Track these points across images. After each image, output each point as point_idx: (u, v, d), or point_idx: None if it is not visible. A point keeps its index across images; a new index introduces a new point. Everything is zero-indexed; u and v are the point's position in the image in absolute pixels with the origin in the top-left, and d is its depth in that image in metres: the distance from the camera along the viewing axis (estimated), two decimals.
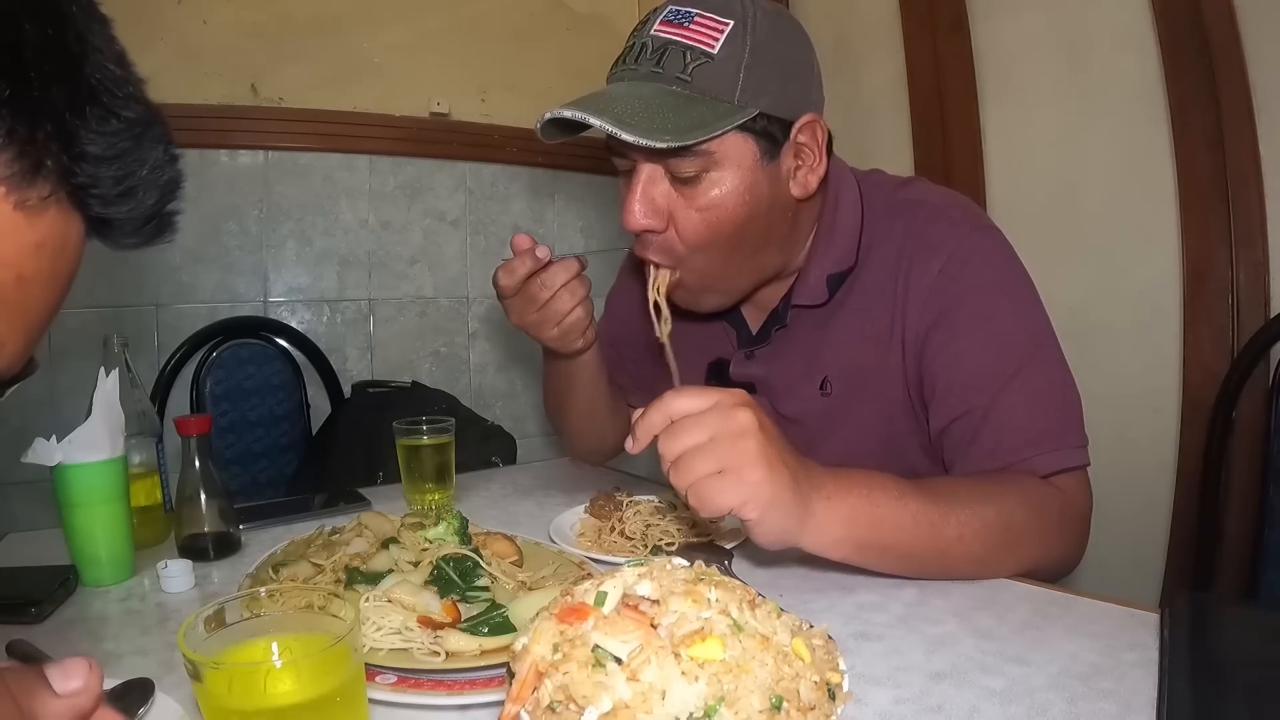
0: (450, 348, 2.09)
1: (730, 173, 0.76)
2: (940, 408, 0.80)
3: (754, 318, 0.95)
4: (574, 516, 0.94)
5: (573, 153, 2.18)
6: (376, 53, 1.95)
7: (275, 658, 0.45)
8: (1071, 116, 1.55)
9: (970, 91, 1.71)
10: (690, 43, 0.72)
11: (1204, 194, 1.33)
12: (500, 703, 0.38)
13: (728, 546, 0.79)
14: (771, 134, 0.76)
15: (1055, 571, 0.77)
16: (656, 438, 0.63)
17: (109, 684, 0.49)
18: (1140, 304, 1.44)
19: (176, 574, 0.76)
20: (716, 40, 0.72)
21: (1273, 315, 1.25)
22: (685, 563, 0.44)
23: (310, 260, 1.91)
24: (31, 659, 0.57)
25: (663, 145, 0.70)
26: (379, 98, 1.95)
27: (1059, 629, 0.62)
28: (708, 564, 0.45)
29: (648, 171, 0.77)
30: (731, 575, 0.51)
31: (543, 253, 0.84)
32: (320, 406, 1.78)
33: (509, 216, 2.14)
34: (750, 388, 0.90)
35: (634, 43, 0.76)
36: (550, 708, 0.35)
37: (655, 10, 0.76)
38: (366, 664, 0.54)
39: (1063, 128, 1.57)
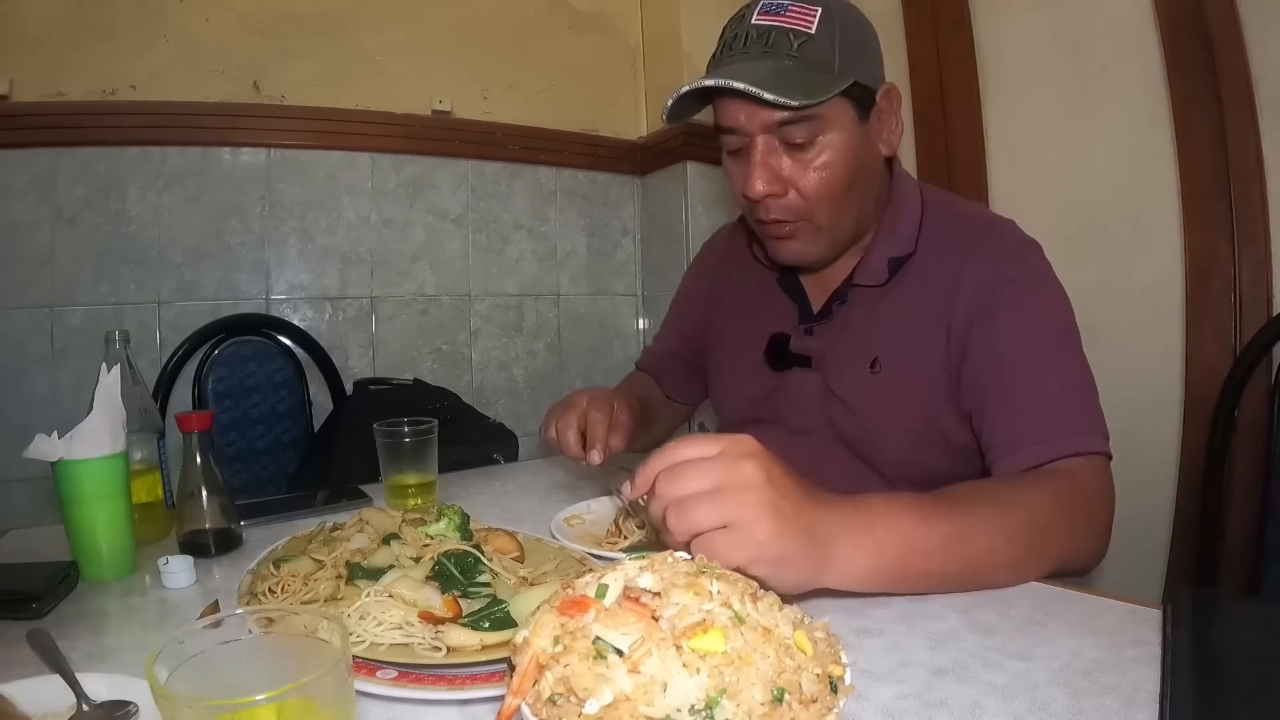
0: (452, 345, 2.09)
1: (837, 134, 0.85)
2: (979, 387, 0.86)
3: (816, 297, 1.01)
4: (574, 512, 0.94)
5: (574, 150, 2.19)
6: (378, 50, 1.96)
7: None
8: (1074, 114, 1.55)
9: (972, 89, 1.70)
10: (791, 26, 0.83)
11: (1206, 192, 1.33)
12: (501, 698, 0.37)
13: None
14: (863, 100, 0.87)
15: (1082, 564, 0.77)
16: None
17: (96, 686, 0.49)
18: (1142, 302, 1.44)
19: (177, 570, 0.76)
20: (811, 23, 0.83)
21: (1275, 314, 1.25)
22: (688, 556, 0.44)
23: (312, 258, 1.91)
24: (48, 650, 0.57)
25: (798, 104, 0.79)
26: (381, 95, 1.95)
27: (1061, 625, 0.61)
28: None
29: (763, 143, 0.85)
30: None
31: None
32: (322, 404, 1.78)
33: (511, 214, 2.14)
34: (807, 361, 0.98)
35: (736, 31, 0.86)
36: (551, 700, 0.35)
37: (749, 5, 0.87)
38: (368, 659, 0.54)
39: (1065, 125, 1.56)
